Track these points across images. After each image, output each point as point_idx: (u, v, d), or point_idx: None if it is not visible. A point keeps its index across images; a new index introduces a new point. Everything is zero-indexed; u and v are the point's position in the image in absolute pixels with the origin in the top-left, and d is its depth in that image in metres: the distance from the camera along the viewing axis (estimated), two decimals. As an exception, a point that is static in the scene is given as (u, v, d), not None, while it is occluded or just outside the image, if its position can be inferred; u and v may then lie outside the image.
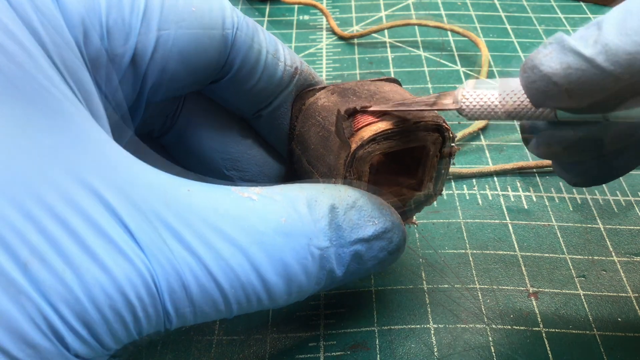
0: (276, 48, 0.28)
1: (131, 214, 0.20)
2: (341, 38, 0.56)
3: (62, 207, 0.19)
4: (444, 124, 0.27)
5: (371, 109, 0.27)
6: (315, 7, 0.58)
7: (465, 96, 0.24)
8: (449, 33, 0.56)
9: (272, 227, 0.23)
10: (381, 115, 0.26)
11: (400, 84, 0.31)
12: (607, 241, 0.35)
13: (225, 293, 0.22)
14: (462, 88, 0.25)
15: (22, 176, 0.19)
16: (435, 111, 0.27)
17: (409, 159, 0.30)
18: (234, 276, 0.22)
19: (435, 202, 0.38)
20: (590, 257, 0.34)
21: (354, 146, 0.26)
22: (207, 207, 0.22)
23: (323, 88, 0.29)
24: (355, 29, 0.57)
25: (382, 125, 0.26)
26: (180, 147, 0.30)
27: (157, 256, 0.20)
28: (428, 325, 0.31)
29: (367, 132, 0.26)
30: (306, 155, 0.29)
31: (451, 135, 0.28)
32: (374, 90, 0.29)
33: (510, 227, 0.36)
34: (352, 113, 0.26)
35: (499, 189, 0.39)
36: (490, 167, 0.41)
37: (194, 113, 0.30)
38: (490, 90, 0.24)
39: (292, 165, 0.31)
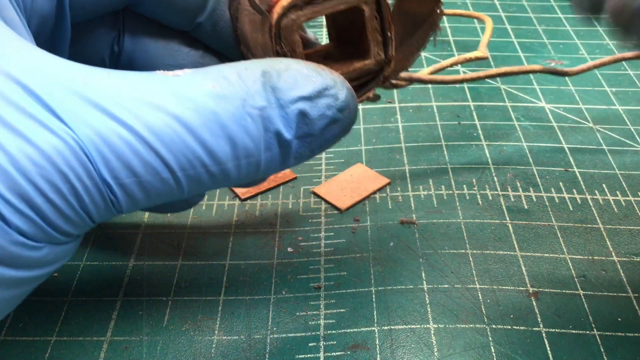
0: None
1: (48, 91, 0.20)
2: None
3: None
4: None
5: None
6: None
7: None
8: (449, 31, 0.56)
9: (202, 92, 0.22)
10: None
11: None
12: (607, 241, 0.35)
13: (165, 159, 0.22)
14: None
15: None
16: None
17: (359, 37, 0.29)
18: (169, 139, 0.22)
19: (435, 202, 0.38)
20: (590, 257, 0.34)
21: (275, 16, 0.25)
22: (130, 84, 0.22)
23: None
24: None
25: None
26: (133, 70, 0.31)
27: (82, 128, 0.20)
28: (428, 325, 0.31)
29: (284, 0, 0.25)
30: (250, 50, 0.29)
31: None
32: None
33: (510, 227, 0.36)
34: None
35: (499, 189, 0.39)
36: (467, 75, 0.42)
37: (138, 34, 0.30)
38: None
39: None
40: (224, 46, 0.31)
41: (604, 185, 0.40)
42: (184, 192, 0.23)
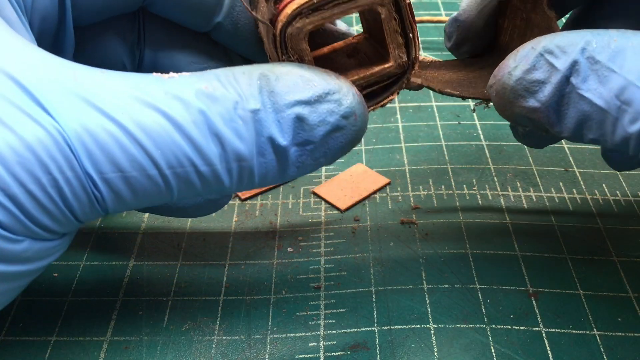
0: None
1: (38, 85, 0.20)
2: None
3: None
4: None
5: None
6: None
7: None
8: (449, 33, 0.56)
9: (193, 92, 0.22)
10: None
11: None
12: (607, 241, 0.35)
13: (151, 154, 0.21)
14: None
15: None
16: None
17: (375, 41, 0.27)
18: (156, 135, 0.21)
19: (435, 202, 0.38)
20: (590, 257, 0.34)
21: (279, 25, 0.24)
22: (122, 82, 0.22)
23: None
24: (356, 29, 0.57)
25: None
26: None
27: (67, 120, 0.20)
28: (428, 325, 0.31)
29: (289, 8, 0.24)
30: (267, 53, 0.27)
31: None
32: None
33: (510, 227, 0.36)
34: None
35: (499, 189, 0.39)
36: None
37: (159, 38, 0.30)
38: None
39: None
40: (247, 48, 0.30)
41: (604, 185, 0.40)
42: (173, 193, 0.23)
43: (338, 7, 0.24)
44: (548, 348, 0.29)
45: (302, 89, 0.23)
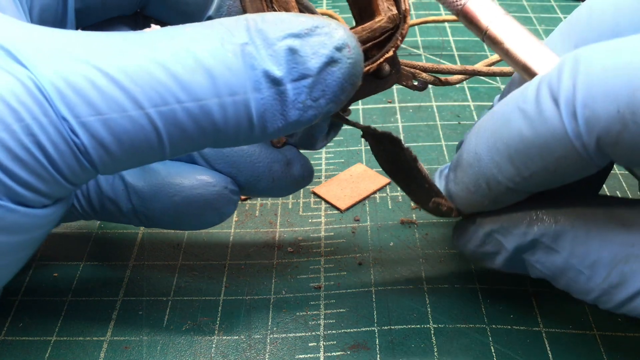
0: None
1: (14, 42, 0.20)
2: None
3: None
4: None
5: None
6: (329, 16, 0.58)
7: None
8: (449, 32, 0.56)
9: (177, 35, 0.21)
10: None
11: None
12: (607, 241, 0.35)
13: (129, 91, 0.20)
14: None
15: None
16: None
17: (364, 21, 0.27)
18: (133, 72, 0.20)
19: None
20: (590, 257, 0.34)
21: None
22: (101, 36, 0.22)
23: None
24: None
25: None
26: None
27: (42, 70, 0.20)
28: (428, 325, 0.31)
29: None
30: None
31: None
32: None
33: (510, 227, 0.36)
34: None
35: (499, 189, 0.39)
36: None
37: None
38: None
39: None
40: None
41: (604, 185, 0.39)
42: (164, 141, 0.22)
43: None
44: (548, 348, 0.29)
45: (290, 23, 0.23)
